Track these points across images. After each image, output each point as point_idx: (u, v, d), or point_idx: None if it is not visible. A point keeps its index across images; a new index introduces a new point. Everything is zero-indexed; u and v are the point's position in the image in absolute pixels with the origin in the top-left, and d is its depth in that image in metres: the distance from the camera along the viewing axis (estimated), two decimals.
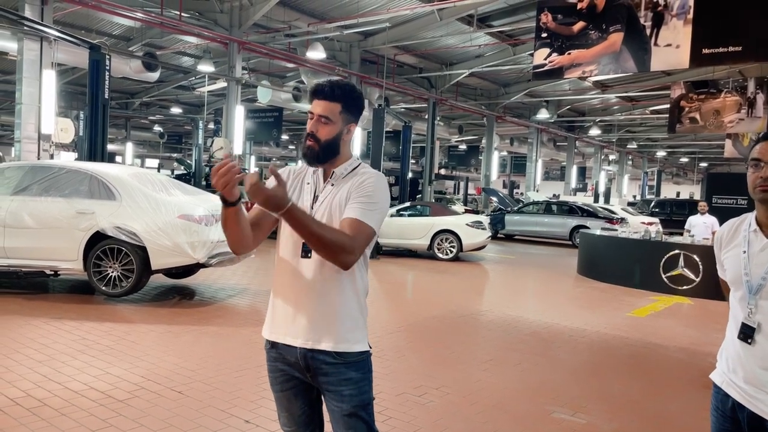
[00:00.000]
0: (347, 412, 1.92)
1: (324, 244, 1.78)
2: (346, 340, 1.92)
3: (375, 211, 1.88)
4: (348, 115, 1.98)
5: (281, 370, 2.00)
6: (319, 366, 1.91)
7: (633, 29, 8.56)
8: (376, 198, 1.90)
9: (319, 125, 1.94)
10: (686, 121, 16.18)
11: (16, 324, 5.60)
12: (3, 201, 6.78)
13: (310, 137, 1.95)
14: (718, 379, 1.94)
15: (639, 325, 7.25)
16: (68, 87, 22.25)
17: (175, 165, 37.81)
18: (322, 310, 1.91)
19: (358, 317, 1.96)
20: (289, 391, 2.01)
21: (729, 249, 1.96)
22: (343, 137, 1.98)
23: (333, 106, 1.95)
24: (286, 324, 1.95)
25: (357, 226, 1.83)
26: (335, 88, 1.96)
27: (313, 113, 1.96)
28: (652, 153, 41.33)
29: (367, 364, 1.98)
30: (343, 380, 1.92)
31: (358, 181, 1.94)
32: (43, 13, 11.08)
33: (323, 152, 1.95)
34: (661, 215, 23.40)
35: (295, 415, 2.02)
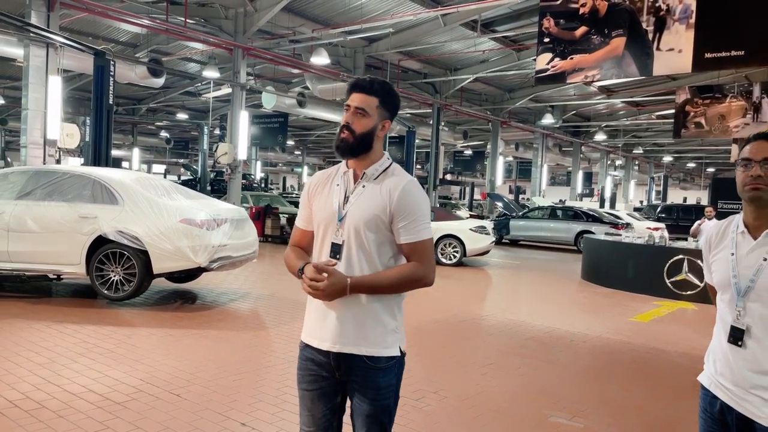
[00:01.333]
0: (367, 413, 1.97)
1: (403, 287, 1.95)
2: (374, 345, 1.95)
3: (424, 223, 1.96)
4: (384, 111, 2.00)
5: (311, 370, 2.03)
6: (350, 366, 1.96)
7: (635, 34, 8.55)
8: (419, 211, 1.95)
9: (356, 117, 1.97)
10: (692, 126, 16.13)
11: (18, 327, 5.63)
12: (7, 205, 6.83)
13: (345, 129, 1.97)
14: (706, 381, 1.95)
15: (642, 330, 7.21)
16: (75, 93, 22.44)
17: (182, 170, 38.02)
18: (351, 314, 1.94)
19: (388, 321, 1.98)
20: (314, 392, 2.03)
21: (717, 251, 1.95)
22: (377, 132, 2.00)
23: (370, 99, 1.97)
24: (317, 327, 2.00)
25: (419, 248, 1.94)
26: (374, 82, 2.00)
27: (350, 105, 1.98)
28: (659, 158, 41.19)
29: (394, 371, 2.00)
30: (370, 384, 1.96)
31: (395, 193, 1.94)
32: (49, 20, 11.19)
33: (357, 144, 1.97)
34: (668, 221, 23.27)
35: (316, 416, 2.04)
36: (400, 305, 2.05)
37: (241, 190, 17.20)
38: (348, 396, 2.04)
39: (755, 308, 1.79)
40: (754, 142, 1.84)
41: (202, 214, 6.86)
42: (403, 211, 1.93)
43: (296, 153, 46.33)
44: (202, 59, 19.20)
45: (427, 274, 1.96)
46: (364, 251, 1.94)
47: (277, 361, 5.11)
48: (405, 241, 1.94)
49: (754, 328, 1.79)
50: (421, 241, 1.94)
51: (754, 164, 1.79)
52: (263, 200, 18.12)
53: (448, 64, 20.07)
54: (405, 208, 1.93)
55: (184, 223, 6.69)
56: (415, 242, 1.94)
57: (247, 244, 7.44)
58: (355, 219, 1.94)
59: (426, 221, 1.97)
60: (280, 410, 3.92)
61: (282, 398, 4.14)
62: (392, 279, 1.92)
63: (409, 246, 1.94)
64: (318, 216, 2.03)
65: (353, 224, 1.94)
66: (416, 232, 1.94)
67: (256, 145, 28.05)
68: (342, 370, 1.98)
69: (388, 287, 1.93)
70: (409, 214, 1.93)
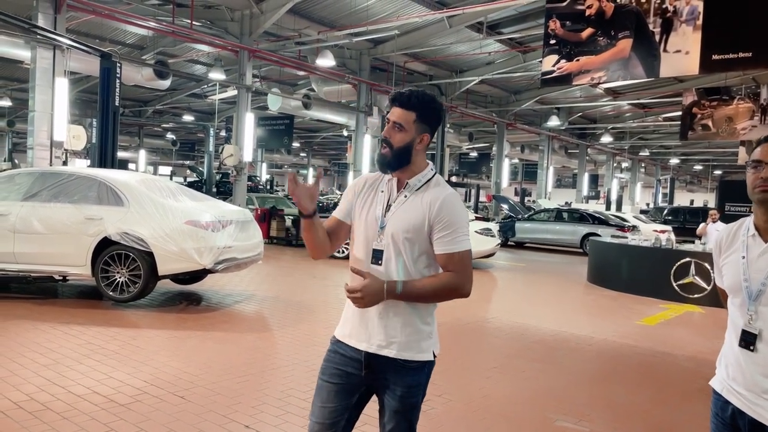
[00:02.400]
0: (396, 409, 2.03)
1: (439, 296, 2.02)
2: (409, 349, 2.01)
3: (462, 234, 2.00)
4: (422, 125, 2.02)
5: (337, 363, 2.08)
6: (381, 366, 2.02)
7: (642, 35, 8.51)
8: (459, 222, 2.00)
9: (393, 132, 2.01)
10: (698, 128, 16.06)
11: (24, 328, 5.65)
12: (13, 207, 6.86)
13: (384, 143, 2.02)
14: (718, 386, 1.92)
15: (648, 334, 7.16)
16: (83, 95, 22.56)
17: (188, 172, 38.13)
18: (388, 319, 2.00)
19: (422, 327, 2.04)
20: (334, 386, 2.07)
21: (728, 255, 1.93)
22: (415, 146, 2.03)
23: (408, 114, 2.00)
24: (354, 326, 2.06)
25: (457, 258, 1.98)
26: (412, 96, 2.02)
27: (389, 119, 2.03)
28: (666, 160, 41.02)
29: (425, 372, 2.07)
30: (400, 382, 2.02)
31: (435, 205, 1.98)
32: (56, 22, 11.24)
33: (395, 159, 2.02)
34: (675, 223, 23.17)
35: (328, 410, 2.07)
36: (433, 312, 2.11)
37: (246, 191, 17.22)
38: (376, 393, 2.10)
39: (767, 312, 1.76)
40: (764, 143, 1.82)
41: (207, 216, 6.86)
42: (442, 221, 1.98)
43: (302, 155, 46.40)
44: (208, 61, 19.26)
45: (463, 284, 2.01)
46: (401, 260, 2.00)
47: (282, 363, 5.10)
48: (443, 252, 1.98)
49: (766, 332, 1.76)
50: (459, 252, 1.98)
51: (765, 166, 1.78)
52: (269, 202, 18.15)
53: (453, 66, 20.05)
54: (444, 219, 1.98)
55: (189, 224, 6.70)
56: (452, 253, 1.98)
57: (252, 245, 7.44)
58: (395, 228, 2.00)
59: (464, 233, 2.01)
60: (284, 413, 3.91)
61: (286, 401, 4.13)
62: (428, 287, 1.98)
63: (447, 256, 1.99)
64: (361, 220, 2.09)
65: (393, 232, 2.00)
66: (455, 243, 1.98)
67: (261, 147, 28.08)
68: (371, 369, 2.03)
69: (424, 295, 1.99)
70: (448, 225, 1.98)
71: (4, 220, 6.79)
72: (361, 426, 2.66)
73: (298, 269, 11.19)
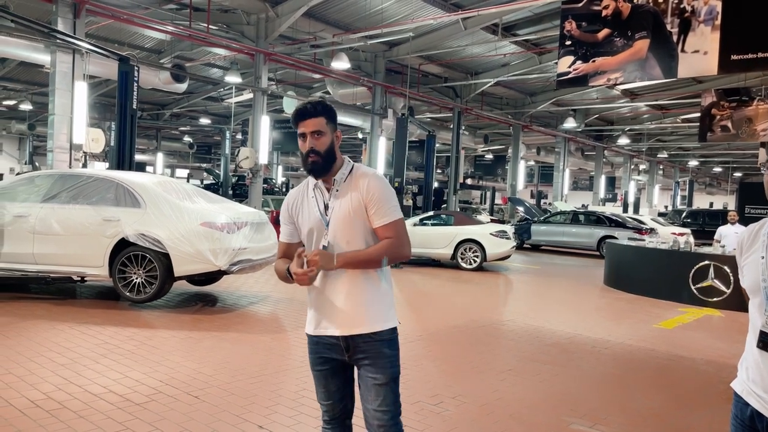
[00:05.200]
0: (380, 382, 2.24)
1: (385, 260, 2.23)
2: (376, 321, 2.26)
3: (393, 203, 2.26)
4: (332, 124, 2.28)
5: (320, 354, 2.34)
6: (358, 344, 2.25)
7: (659, 36, 8.43)
8: (387, 196, 2.25)
9: (315, 140, 2.23)
10: (718, 130, 15.83)
11: (42, 328, 5.73)
12: (32, 208, 6.97)
13: (312, 153, 2.22)
14: (739, 388, 1.92)
15: (666, 337, 7.07)
16: (102, 99, 22.85)
17: (205, 175, 38.43)
18: (351, 301, 2.24)
19: (383, 299, 2.29)
20: (326, 371, 2.34)
21: (748, 255, 1.92)
22: (335, 144, 2.28)
23: (319, 120, 2.23)
24: (322, 317, 2.30)
25: (391, 226, 2.24)
26: (316, 105, 2.26)
27: (305, 132, 2.23)
28: (684, 162, 40.50)
29: (396, 341, 2.33)
30: (378, 354, 2.25)
31: (363, 188, 2.24)
32: (75, 27, 11.41)
33: (325, 162, 2.24)
34: (694, 226, 22.89)
35: (331, 390, 2.35)
36: (390, 282, 2.35)
37: (262, 194, 17.31)
38: (358, 375, 2.31)
39: None
40: None
41: (222, 218, 6.91)
42: (374, 198, 2.23)
43: None
44: (225, 65, 19.39)
45: (401, 247, 2.26)
46: (351, 245, 2.23)
47: (296, 364, 5.11)
48: (379, 224, 2.23)
49: None
50: (393, 220, 2.24)
51: None
52: None
53: (468, 68, 19.99)
54: (375, 196, 2.23)
55: (204, 226, 6.75)
56: (387, 223, 2.23)
57: (267, 247, 7.48)
58: (338, 219, 2.24)
59: (395, 205, 2.27)
60: (297, 413, 3.92)
61: (300, 401, 4.14)
62: (373, 251, 2.22)
63: (384, 227, 2.23)
64: (305, 227, 2.31)
65: (338, 224, 2.24)
66: (388, 214, 2.23)
67: (277, 150, 28.26)
68: (351, 351, 2.27)
69: (369, 259, 2.21)
70: (380, 200, 2.23)
71: (23, 222, 6.90)
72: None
73: None
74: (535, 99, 23.54)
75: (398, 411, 2.30)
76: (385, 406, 2.25)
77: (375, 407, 2.24)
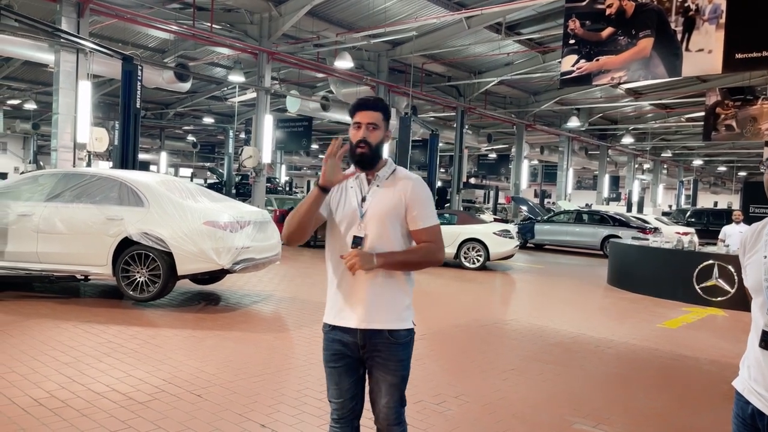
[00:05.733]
0: (391, 383, 2.33)
1: (420, 262, 2.34)
2: (394, 320, 2.31)
3: (432, 211, 2.35)
4: (386, 122, 2.36)
5: (337, 350, 2.36)
6: (375, 343, 2.30)
7: (663, 34, 8.39)
8: (428, 202, 2.35)
9: (370, 132, 2.29)
10: (722, 129, 15.77)
11: (46, 327, 5.74)
12: (36, 207, 6.98)
13: (363, 143, 2.28)
14: (740, 387, 1.92)
15: (670, 337, 7.05)
16: (106, 98, 22.90)
17: (208, 174, 38.51)
18: (373, 297, 2.29)
19: (403, 299, 2.35)
20: (340, 368, 2.37)
21: (751, 254, 1.91)
22: (385, 141, 2.36)
23: (377, 114, 2.32)
24: (343, 309, 2.33)
25: (430, 230, 2.32)
26: (377, 100, 2.38)
27: (361, 123, 2.29)
28: (689, 161, 40.39)
29: (411, 345, 2.39)
30: (392, 357, 2.31)
31: (408, 190, 2.31)
32: (79, 26, 11.44)
33: (373, 155, 2.31)
34: (698, 225, 22.83)
35: (343, 389, 2.38)
36: (412, 284, 2.41)
37: (265, 193, 17.33)
38: (368, 373, 2.38)
39: None
40: None
41: (225, 217, 6.92)
42: (416, 201, 2.30)
43: (320, 156, 46.55)
44: (228, 64, 19.43)
45: (438, 251, 2.34)
46: (382, 240, 2.28)
47: (299, 363, 5.11)
48: (421, 226, 2.31)
49: None
50: (432, 225, 2.33)
51: None
52: (287, 203, 18.24)
53: (472, 67, 19.97)
54: (418, 199, 2.31)
55: (207, 225, 6.75)
56: (428, 227, 2.31)
57: (270, 246, 7.48)
58: (375, 213, 2.29)
59: (434, 210, 2.36)
60: (300, 412, 3.92)
61: (302, 400, 4.14)
62: (411, 254, 2.32)
63: (423, 230, 2.31)
64: (339, 215, 2.34)
65: (374, 218, 2.29)
66: (428, 219, 2.32)
67: (280, 149, 28.24)
68: (366, 348, 2.32)
69: (407, 261, 2.32)
70: (422, 204, 2.31)
71: (27, 221, 6.92)
72: None
73: (316, 270, 11.22)
74: (538, 98, 23.50)
75: (404, 403, 2.41)
76: (392, 403, 2.35)
77: (383, 404, 2.35)
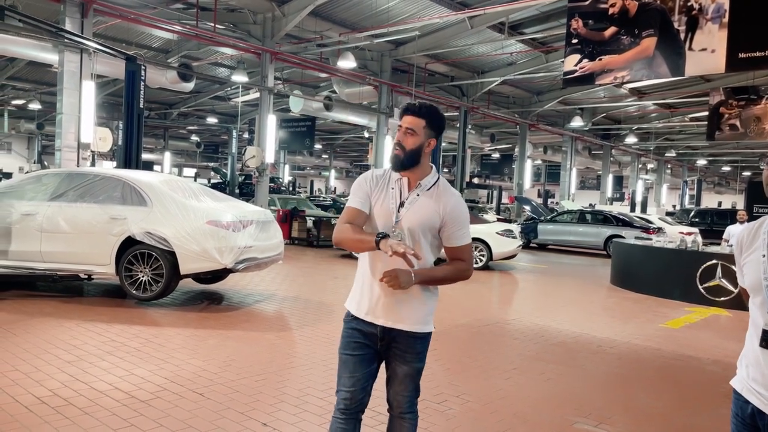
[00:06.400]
0: (407, 373, 2.45)
1: (452, 279, 2.43)
2: (418, 323, 2.42)
3: (468, 229, 2.45)
4: (430, 131, 2.38)
5: (356, 339, 2.44)
6: (394, 337, 2.41)
7: (666, 34, 8.39)
8: (466, 221, 2.44)
9: (406, 136, 2.35)
10: (726, 129, 15.74)
11: (50, 325, 5.77)
12: (40, 206, 7.01)
13: (397, 146, 2.36)
14: (738, 386, 1.92)
15: (672, 337, 7.03)
16: (110, 98, 22.98)
17: (212, 174, 38.57)
18: (401, 297, 2.36)
19: (429, 305, 2.45)
20: (357, 357, 2.44)
21: (749, 253, 1.91)
22: (424, 149, 2.38)
23: (418, 121, 2.35)
24: (370, 305, 2.41)
25: (464, 249, 2.43)
26: (422, 107, 2.39)
27: (401, 126, 2.37)
28: (693, 161, 40.29)
29: (429, 340, 2.51)
30: (410, 350, 2.43)
31: (448, 205, 2.37)
32: (83, 26, 11.48)
33: (407, 159, 2.36)
34: (702, 225, 22.77)
35: (357, 378, 2.43)
36: (437, 294, 2.51)
37: (268, 192, 17.35)
38: (386, 362, 2.49)
39: None
40: None
41: (228, 216, 6.93)
42: (455, 219, 2.38)
43: (323, 156, 46.60)
44: (231, 64, 19.47)
45: (469, 269, 2.45)
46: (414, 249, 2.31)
47: (301, 362, 5.12)
48: (456, 244, 2.41)
49: None
50: (466, 245, 2.43)
51: None
52: (290, 203, 18.27)
53: (475, 67, 19.96)
54: (457, 218, 2.39)
55: (210, 224, 6.77)
56: (462, 245, 2.42)
57: (273, 245, 7.50)
58: (411, 221, 2.35)
59: (469, 229, 2.46)
60: (301, 411, 3.93)
61: (304, 399, 4.15)
62: (446, 272, 2.41)
63: (459, 248, 2.42)
64: (376, 212, 2.41)
65: (409, 225, 2.35)
66: (465, 238, 2.43)
67: (284, 149, 28.32)
68: (385, 341, 2.42)
69: (442, 279, 2.42)
70: (459, 221, 2.40)
71: (31, 220, 6.95)
72: None
73: (318, 270, 11.24)
74: (541, 98, 23.47)
75: (417, 394, 2.53)
76: (407, 392, 2.48)
77: (398, 392, 2.48)
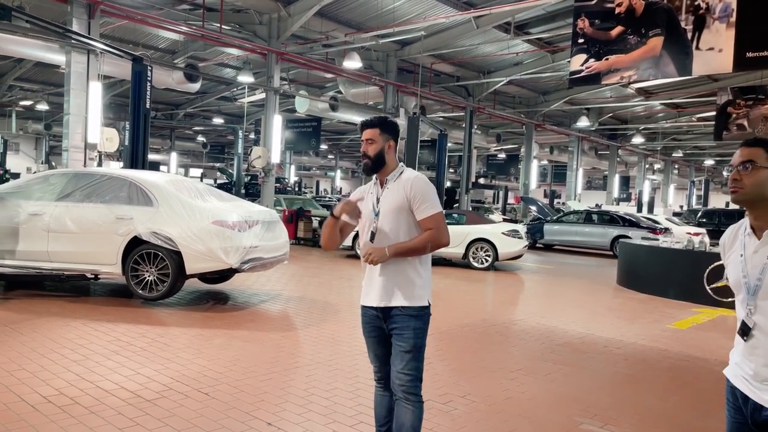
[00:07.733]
0: (405, 350, 2.72)
1: (427, 247, 2.73)
2: (407, 298, 2.74)
3: (433, 200, 2.74)
4: (386, 135, 2.83)
5: (370, 323, 2.86)
6: (391, 316, 2.76)
7: (673, 33, 8.34)
8: (427, 193, 2.74)
9: (367, 146, 2.82)
10: (734, 128, 15.64)
11: (56, 325, 5.79)
12: (47, 206, 7.05)
13: (365, 156, 2.82)
14: (730, 373, 2.06)
15: (679, 338, 7.00)
16: (117, 99, 23.08)
17: (218, 174, 38.66)
18: (389, 279, 2.74)
19: (416, 280, 2.76)
20: (375, 338, 2.87)
21: (730, 253, 2.05)
22: (386, 151, 2.82)
23: (373, 131, 2.81)
24: (368, 291, 2.82)
25: (432, 218, 2.72)
26: (374, 119, 2.88)
27: (363, 139, 2.82)
28: (700, 161, 40.10)
29: (425, 317, 2.80)
30: (406, 326, 2.73)
31: (408, 186, 2.74)
32: (89, 27, 11.53)
33: (374, 164, 2.82)
34: (709, 225, 22.61)
35: (378, 355, 2.88)
36: (426, 267, 2.83)
37: (274, 193, 17.38)
38: (392, 341, 2.77)
39: (765, 306, 1.88)
40: (740, 148, 2.01)
41: (233, 216, 6.95)
42: (416, 196, 2.72)
43: (329, 157, 46.64)
44: (237, 64, 19.51)
45: (441, 236, 2.74)
46: (397, 232, 2.74)
47: (306, 362, 5.12)
48: (424, 216, 2.72)
49: (764, 324, 1.88)
50: (433, 214, 2.72)
51: (733, 169, 1.97)
52: (296, 203, 18.28)
53: (481, 67, 19.93)
54: (417, 193, 2.73)
55: (216, 224, 6.78)
56: (430, 215, 2.72)
57: (278, 245, 7.51)
58: (386, 211, 2.76)
59: (433, 198, 2.74)
60: (306, 410, 3.93)
61: (309, 398, 4.15)
62: (417, 242, 2.72)
63: (426, 219, 2.72)
64: (363, 216, 2.84)
65: (386, 214, 2.76)
66: (429, 209, 2.72)
67: (289, 149, 28.29)
68: (386, 321, 2.77)
69: (415, 248, 2.71)
70: (421, 197, 2.72)
71: (38, 220, 6.99)
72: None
73: (323, 270, 11.25)
74: (548, 98, 23.42)
75: (419, 376, 2.75)
76: (408, 370, 2.71)
77: (398, 369, 2.72)
